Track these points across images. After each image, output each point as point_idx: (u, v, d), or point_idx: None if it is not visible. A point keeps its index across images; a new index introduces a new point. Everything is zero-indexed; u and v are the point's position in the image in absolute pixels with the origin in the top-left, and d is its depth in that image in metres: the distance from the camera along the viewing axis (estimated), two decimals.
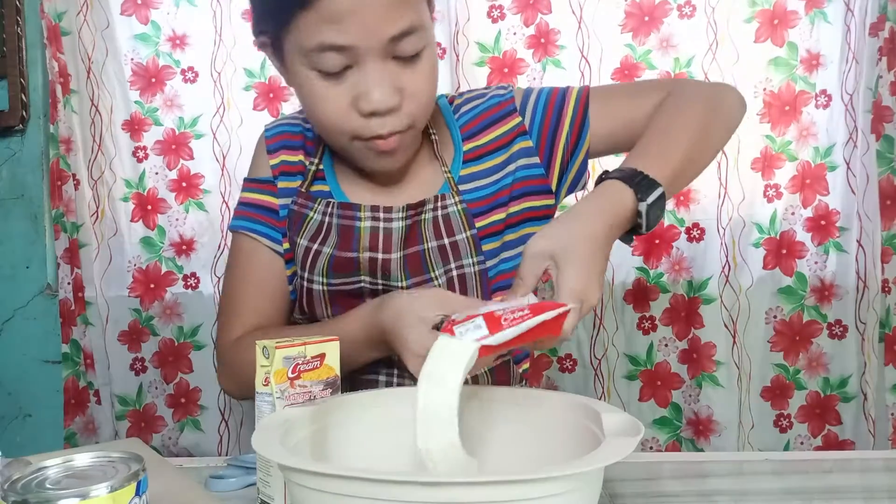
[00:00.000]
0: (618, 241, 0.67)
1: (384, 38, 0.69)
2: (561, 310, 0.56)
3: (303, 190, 0.81)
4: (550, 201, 0.82)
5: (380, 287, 0.78)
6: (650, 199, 0.65)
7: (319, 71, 0.71)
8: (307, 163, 0.83)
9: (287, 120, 0.87)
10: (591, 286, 0.60)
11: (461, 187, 0.80)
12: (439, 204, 0.79)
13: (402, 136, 0.74)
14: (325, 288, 0.78)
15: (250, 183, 0.85)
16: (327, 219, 0.79)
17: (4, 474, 0.45)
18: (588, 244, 0.61)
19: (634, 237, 0.69)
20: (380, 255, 0.78)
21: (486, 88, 0.87)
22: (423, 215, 0.79)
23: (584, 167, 0.82)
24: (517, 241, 0.80)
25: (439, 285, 0.77)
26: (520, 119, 0.81)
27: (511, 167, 0.80)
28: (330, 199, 0.80)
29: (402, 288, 0.77)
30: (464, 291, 0.77)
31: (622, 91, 0.86)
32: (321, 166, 0.83)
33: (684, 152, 0.71)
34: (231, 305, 0.83)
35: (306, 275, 0.78)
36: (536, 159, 0.81)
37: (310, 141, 0.84)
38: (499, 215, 0.79)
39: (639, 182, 0.66)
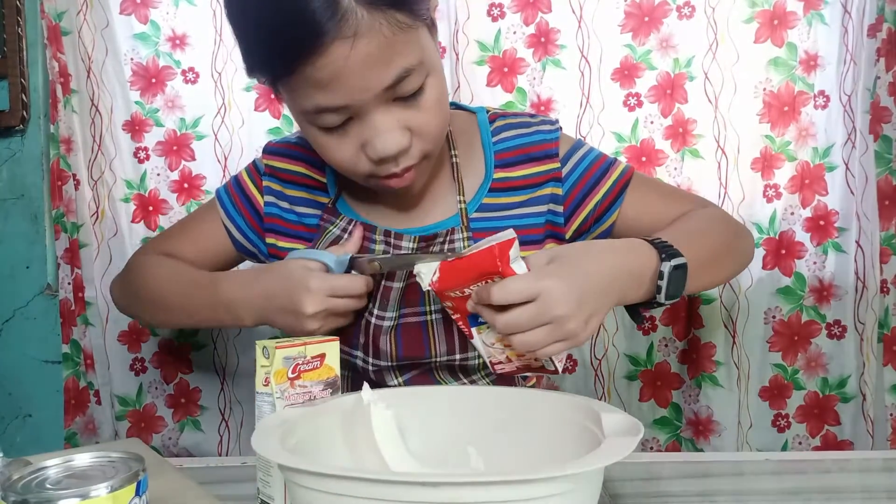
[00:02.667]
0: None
1: (378, 90, 0.66)
2: (500, 238, 0.60)
3: (329, 206, 0.83)
4: None
5: (369, 317, 0.78)
6: (673, 262, 0.64)
7: (320, 127, 0.70)
8: (313, 175, 0.85)
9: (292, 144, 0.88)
10: (572, 301, 0.59)
11: (480, 215, 0.80)
12: (447, 239, 0.78)
13: (417, 166, 0.73)
14: None
15: (252, 167, 0.90)
16: (345, 235, 0.81)
17: (4, 474, 0.45)
18: (593, 267, 0.61)
19: (645, 314, 0.71)
20: (383, 282, 0.78)
21: (531, 116, 0.86)
22: (432, 247, 0.79)
23: (605, 235, 0.84)
24: None
25: (432, 321, 0.77)
26: (558, 166, 0.81)
27: (541, 208, 0.81)
28: (352, 218, 0.82)
29: (393, 318, 0.78)
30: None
31: (658, 188, 0.88)
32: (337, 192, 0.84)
33: (706, 254, 0.71)
34: (172, 237, 0.93)
35: None
36: (561, 208, 0.81)
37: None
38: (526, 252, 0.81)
39: (663, 247, 0.66)
